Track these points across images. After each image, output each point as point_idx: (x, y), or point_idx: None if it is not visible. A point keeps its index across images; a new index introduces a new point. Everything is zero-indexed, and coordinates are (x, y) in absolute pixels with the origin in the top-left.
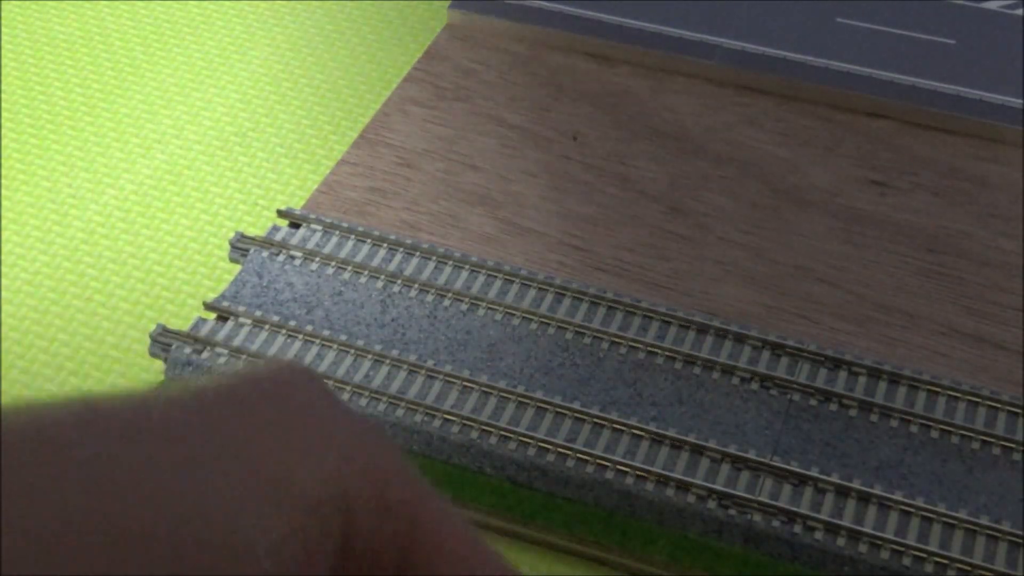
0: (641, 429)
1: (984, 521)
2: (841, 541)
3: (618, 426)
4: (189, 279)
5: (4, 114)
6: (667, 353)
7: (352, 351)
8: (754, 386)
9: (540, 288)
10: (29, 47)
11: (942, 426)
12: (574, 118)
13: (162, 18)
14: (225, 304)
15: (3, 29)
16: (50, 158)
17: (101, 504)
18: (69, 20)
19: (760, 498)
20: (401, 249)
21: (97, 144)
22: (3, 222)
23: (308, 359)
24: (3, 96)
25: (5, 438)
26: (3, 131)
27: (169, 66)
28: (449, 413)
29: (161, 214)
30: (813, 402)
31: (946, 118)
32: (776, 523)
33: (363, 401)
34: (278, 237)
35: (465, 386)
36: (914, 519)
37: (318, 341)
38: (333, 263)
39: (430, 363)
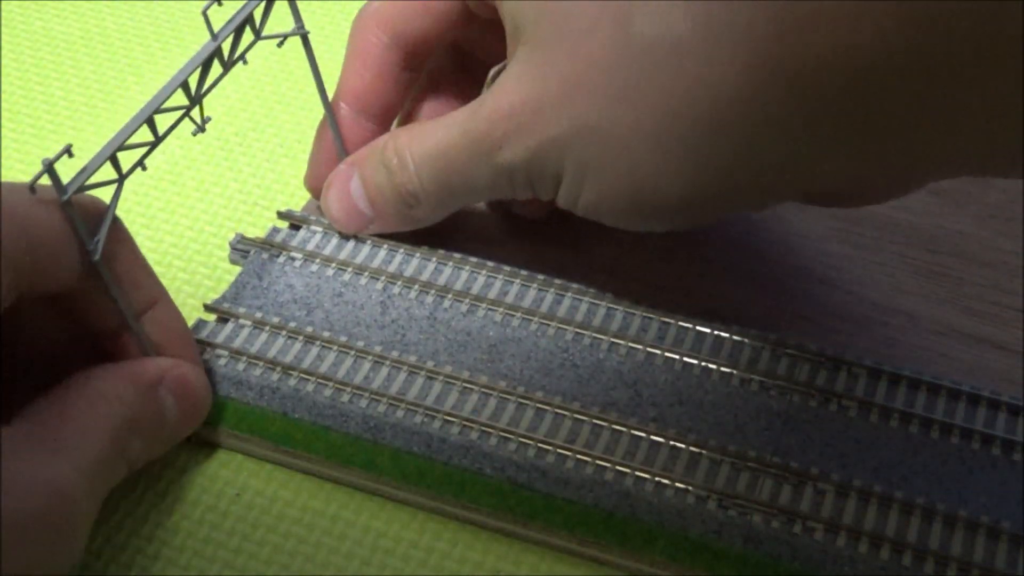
0: (641, 430)
1: (984, 521)
2: (841, 541)
3: (618, 427)
4: (189, 279)
5: (4, 114)
6: (667, 353)
7: (352, 352)
8: (754, 386)
9: (540, 288)
10: (29, 47)
11: (942, 426)
12: None
13: (162, 18)
14: (225, 306)
15: (3, 29)
16: None
17: None
18: (69, 20)
19: (760, 498)
20: (401, 250)
21: (97, 144)
22: None
23: (308, 360)
24: (3, 96)
25: None
26: (3, 131)
27: (169, 66)
28: (449, 414)
29: (161, 215)
30: (813, 402)
31: None
32: (776, 523)
33: (363, 402)
34: (278, 239)
35: (465, 387)
36: (914, 519)
37: (318, 342)
38: (333, 264)
39: (430, 364)
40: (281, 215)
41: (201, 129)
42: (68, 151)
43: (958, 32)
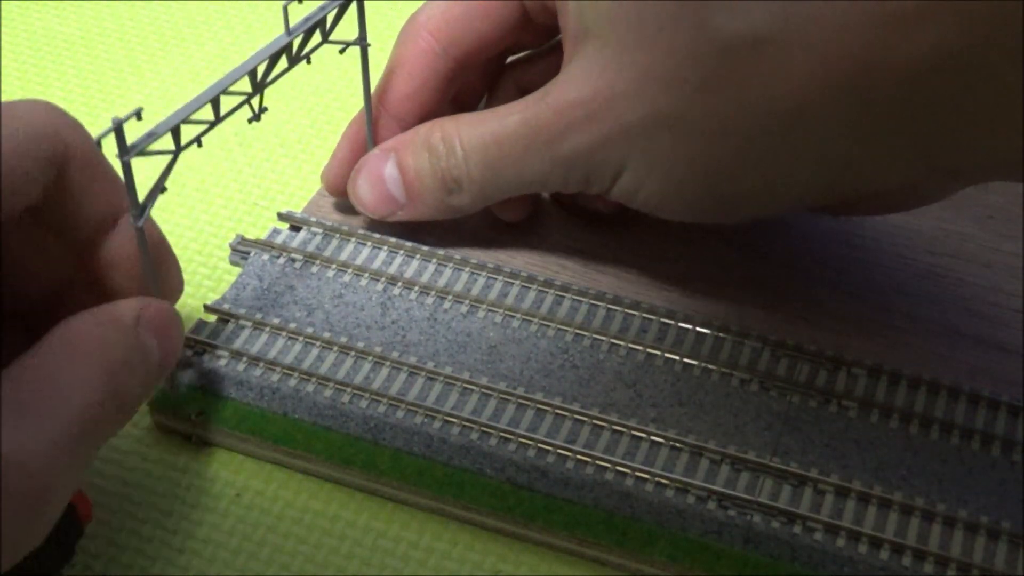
0: (641, 430)
1: (984, 521)
2: (841, 542)
3: (618, 427)
4: (190, 280)
5: None
6: (667, 354)
7: (352, 353)
8: (754, 387)
9: (540, 290)
10: (29, 47)
11: (942, 426)
12: None
13: (162, 18)
14: (226, 307)
15: (3, 29)
16: None
17: None
18: (69, 20)
19: (760, 499)
20: (402, 251)
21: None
22: None
23: (308, 361)
24: (3, 96)
25: None
26: None
27: (169, 66)
28: (449, 415)
29: (161, 215)
30: (813, 403)
31: None
32: (776, 524)
33: (364, 403)
34: (279, 240)
35: (465, 388)
36: (914, 519)
37: (319, 343)
38: (333, 266)
39: (430, 365)
40: (282, 216)
41: (257, 118)
42: (138, 114)
43: (999, 35)
